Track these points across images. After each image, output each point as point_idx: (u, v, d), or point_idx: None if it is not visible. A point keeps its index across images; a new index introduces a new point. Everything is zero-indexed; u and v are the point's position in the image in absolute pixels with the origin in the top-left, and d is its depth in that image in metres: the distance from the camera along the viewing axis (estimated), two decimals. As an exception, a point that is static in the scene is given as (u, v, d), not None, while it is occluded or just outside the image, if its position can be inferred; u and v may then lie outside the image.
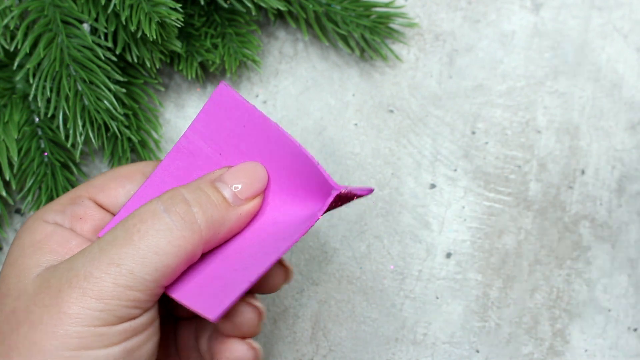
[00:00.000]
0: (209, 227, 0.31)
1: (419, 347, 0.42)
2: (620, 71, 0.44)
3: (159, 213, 0.30)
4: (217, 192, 0.32)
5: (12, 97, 0.41)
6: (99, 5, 0.39)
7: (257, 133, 0.34)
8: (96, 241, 0.31)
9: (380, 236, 0.43)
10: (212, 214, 0.31)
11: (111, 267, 0.29)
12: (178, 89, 0.45)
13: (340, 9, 0.43)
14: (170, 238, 0.30)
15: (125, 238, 0.30)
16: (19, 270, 0.31)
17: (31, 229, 0.33)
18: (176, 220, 0.30)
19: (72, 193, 0.34)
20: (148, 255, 0.30)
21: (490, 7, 0.45)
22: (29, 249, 0.32)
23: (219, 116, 0.34)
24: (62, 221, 0.33)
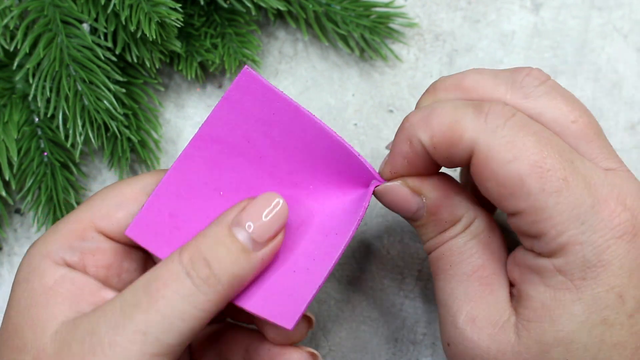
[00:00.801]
0: (231, 284, 0.30)
1: (419, 347, 0.42)
2: (620, 71, 0.44)
3: (182, 277, 0.30)
4: (235, 241, 0.31)
5: (11, 97, 0.41)
6: (99, 5, 0.39)
7: (288, 120, 0.33)
8: (115, 301, 0.30)
9: (380, 236, 0.43)
10: (234, 270, 0.30)
11: (137, 335, 0.29)
12: (178, 89, 0.45)
13: (340, 9, 0.43)
14: (196, 303, 0.29)
15: (150, 303, 0.29)
16: (34, 323, 0.30)
17: (39, 271, 0.31)
18: (200, 285, 0.30)
19: (76, 223, 0.33)
20: (174, 322, 0.29)
21: (490, 7, 0.45)
22: (41, 297, 0.31)
23: (244, 103, 0.33)
24: (71, 258, 0.32)
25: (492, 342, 0.30)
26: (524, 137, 0.29)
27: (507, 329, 0.30)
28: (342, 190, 0.34)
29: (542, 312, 0.29)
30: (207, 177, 0.34)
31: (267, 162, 0.34)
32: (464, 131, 0.29)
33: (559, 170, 0.28)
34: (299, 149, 0.33)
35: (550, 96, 0.31)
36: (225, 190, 0.34)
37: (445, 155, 0.30)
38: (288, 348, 0.34)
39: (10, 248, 0.44)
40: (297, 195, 0.34)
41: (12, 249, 0.44)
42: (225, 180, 0.34)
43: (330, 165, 0.33)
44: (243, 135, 0.33)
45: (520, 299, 0.30)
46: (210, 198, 0.34)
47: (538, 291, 0.29)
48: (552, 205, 0.28)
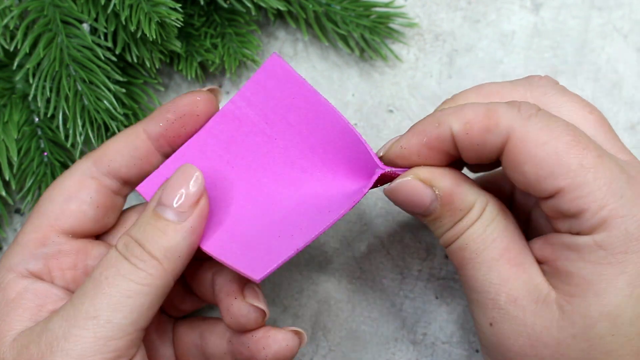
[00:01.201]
0: (167, 255, 0.31)
1: (419, 347, 0.42)
2: (620, 71, 0.44)
3: (120, 260, 0.31)
4: (160, 219, 0.32)
5: (11, 97, 0.41)
6: (99, 5, 0.40)
7: (305, 106, 0.34)
8: (68, 300, 0.31)
9: (380, 236, 0.43)
10: (163, 243, 0.31)
11: (88, 320, 0.29)
12: (178, 89, 0.45)
13: (340, 9, 0.43)
14: (137, 279, 0.30)
15: (95, 288, 0.30)
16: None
17: (2, 285, 0.32)
18: (137, 263, 0.31)
19: (34, 232, 0.34)
20: (121, 299, 0.30)
21: (490, 7, 0.45)
22: (3, 310, 0.31)
23: (268, 86, 0.35)
24: (35, 267, 0.33)
25: (536, 318, 0.30)
26: (555, 122, 0.30)
27: (550, 305, 0.30)
28: (348, 178, 0.35)
29: (585, 287, 0.29)
30: (222, 151, 0.36)
31: (281, 144, 0.35)
32: (500, 118, 0.30)
33: (592, 148, 0.29)
34: (312, 135, 0.35)
35: (565, 93, 0.33)
36: (238, 165, 0.36)
37: (477, 141, 0.31)
38: (271, 330, 0.35)
39: (10, 248, 0.44)
40: (304, 178, 0.35)
41: (12, 249, 0.44)
42: (239, 156, 0.36)
43: (341, 153, 0.35)
44: (263, 116, 0.35)
45: (559, 275, 0.30)
46: (223, 171, 0.35)
47: (578, 267, 0.29)
48: (592, 180, 0.29)
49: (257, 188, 0.36)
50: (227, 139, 0.36)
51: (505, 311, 0.30)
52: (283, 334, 0.34)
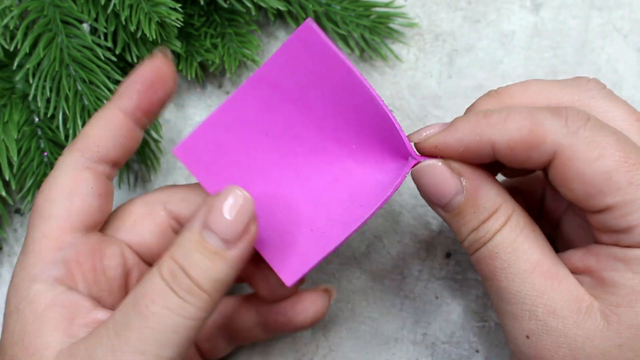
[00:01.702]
0: (216, 287, 0.30)
1: (419, 347, 0.42)
2: (620, 71, 0.44)
3: (167, 292, 0.30)
4: (208, 246, 0.30)
5: (11, 97, 0.41)
6: (99, 5, 0.40)
7: (340, 79, 0.33)
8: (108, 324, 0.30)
9: (380, 236, 0.43)
10: (213, 276, 0.30)
11: (136, 355, 0.29)
12: (178, 89, 0.45)
13: (340, 9, 0.43)
14: (185, 314, 0.30)
15: (141, 322, 0.29)
16: (30, 353, 0.30)
17: (29, 298, 0.31)
18: (185, 297, 0.30)
19: (46, 237, 0.33)
20: (168, 336, 0.29)
21: (490, 7, 0.45)
22: (33, 326, 0.31)
23: (301, 54, 0.33)
24: (59, 273, 0.32)
25: (578, 329, 0.29)
26: (605, 136, 0.29)
27: (593, 315, 0.29)
28: (380, 160, 0.34)
29: (633, 298, 0.29)
30: (257, 117, 0.35)
31: (316, 114, 0.34)
32: (546, 134, 0.30)
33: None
34: (347, 109, 0.33)
35: (612, 97, 0.32)
36: (272, 132, 0.35)
37: (522, 158, 0.30)
38: (303, 293, 0.35)
39: (10, 248, 0.44)
40: (337, 151, 0.35)
41: (12, 249, 0.44)
42: (273, 123, 0.35)
43: (374, 132, 0.33)
44: (297, 83, 0.34)
45: (603, 285, 0.30)
46: (257, 137, 0.35)
47: (626, 278, 0.29)
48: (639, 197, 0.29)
49: (292, 164, 0.35)
50: (261, 105, 0.34)
51: (543, 323, 0.30)
52: (316, 295, 0.36)
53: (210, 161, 0.35)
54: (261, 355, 0.42)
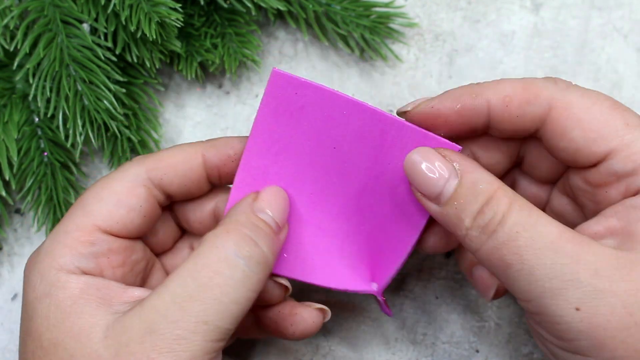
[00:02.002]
0: (274, 259, 0.32)
1: (419, 347, 0.42)
2: (620, 71, 0.44)
3: (234, 260, 0.30)
4: (266, 224, 0.32)
5: (12, 97, 0.41)
6: (99, 5, 0.40)
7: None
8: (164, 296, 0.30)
9: (380, 236, 0.43)
10: (273, 248, 0.32)
11: (199, 325, 0.29)
12: (178, 89, 0.45)
13: (340, 9, 0.43)
14: (249, 285, 0.30)
15: (205, 292, 0.29)
16: (74, 333, 0.30)
17: (60, 284, 0.31)
18: (253, 266, 0.30)
19: (79, 230, 0.33)
20: (230, 307, 0.30)
21: (490, 7, 0.45)
22: (72, 308, 0.31)
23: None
24: (87, 266, 0.32)
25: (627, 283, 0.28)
26: (591, 91, 0.31)
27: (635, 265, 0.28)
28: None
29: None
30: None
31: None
32: (540, 90, 0.31)
33: (630, 110, 0.31)
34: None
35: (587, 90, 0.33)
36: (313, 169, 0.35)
37: (517, 113, 0.31)
38: (298, 307, 0.35)
39: (10, 248, 0.44)
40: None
41: (12, 249, 0.44)
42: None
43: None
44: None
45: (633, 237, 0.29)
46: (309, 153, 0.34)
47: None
48: (638, 137, 0.30)
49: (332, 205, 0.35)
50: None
51: (591, 287, 0.28)
52: (309, 312, 0.35)
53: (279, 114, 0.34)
54: (261, 355, 0.42)
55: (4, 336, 0.43)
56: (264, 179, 0.34)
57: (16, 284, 0.43)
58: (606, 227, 0.30)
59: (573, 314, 0.28)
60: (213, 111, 0.45)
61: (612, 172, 0.30)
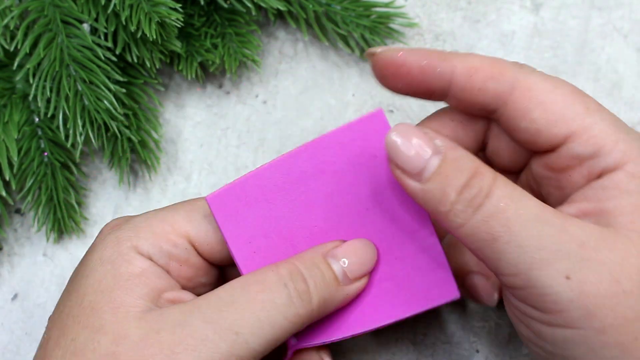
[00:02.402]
0: (320, 305, 0.31)
1: (419, 347, 0.42)
2: (620, 71, 0.44)
3: (279, 287, 0.30)
4: (330, 270, 0.32)
5: (12, 97, 0.41)
6: (99, 5, 0.40)
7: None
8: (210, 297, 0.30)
9: (380, 236, 0.43)
10: (325, 294, 0.32)
11: (230, 334, 0.29)
12: (178, 89, 0.45)
13: (340, 9, 0.43)
14: (287, 314, 0.30)
15: (247, 304, 0.30)
16: (115, 305, 0.30)
17: (127, 257, 0.31)
18: (295, 298, 0.30)
19: (169, 224, 0.33)
20: (266, 327, 0.29)
21: (490, 7, 0.45)
22: (126, 283, 0.31)
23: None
24: (158, 259, 0.32)
25: (612, 253, 0.28)
26: (554, 77, 0.31)
27: (619, 237, 0.29)
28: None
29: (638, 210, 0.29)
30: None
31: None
32: (505, 69, 0.31)
33: (591, 98, 0.31)
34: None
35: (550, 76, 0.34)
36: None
37: (479, 86, 0.31)
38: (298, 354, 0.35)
39: (10, 248, 0.44)
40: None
41: (12, 249, 0.44)
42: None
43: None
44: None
45: (609, 214, 0.30)
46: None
47: (627, 200, 0.30)
48: (599, 120, 0.30)
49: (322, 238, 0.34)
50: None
51: (579, 256, 0.28)
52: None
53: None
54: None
55: (4, 336, 0.43)
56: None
57: (16, 284, 0.43)
58: (579, 210, 0.30)
59: (563, 283, 0.28)
60: (213, 111, 0.45)
61: (574, 155, 0.30)
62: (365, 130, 0.32)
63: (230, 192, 0.32)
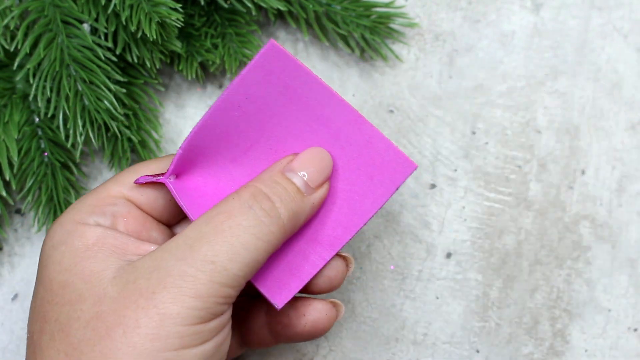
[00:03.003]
0: (290, 219, 0.32)
1: (419, 347, 0.42)
2: (620, 71, 0.44)
3: (245, 210, 0.31)
4: (291, 183, 0.33)
5: (12, 97, 0.41)
6: (99, 5, 0.39)
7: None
8: (178, 238, 0.31)
9: (380, 236, 0.43)
10: (292, 207, 0.32)
11: (206, 264, 0.29)
12: (178, 89, 0.45)
13: (340, 9, 0.43)
14: (259, 234, 0.31)
15: (216, 234, 0.30)
16: (85, 275, 0.30)
17: (77, 233, 0.32)
18: (263, 216, 0.31)
19: (105, 192, 0.34)
20: (240, 251, 0.30)
21: (490, 7, 0.45)
22: (86, 253, 0.31)
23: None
24: (103, 222, 0.33)
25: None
26: None
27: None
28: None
29: None
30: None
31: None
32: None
33: None
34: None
35: None
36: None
37: None
38: (311, 299, 0.36)
39: (10, 248, 0.44)
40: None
41: (13, 249, 0.44)
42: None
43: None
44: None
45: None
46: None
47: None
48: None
49: None
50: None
51: None
52: (323, 304, 0.36)
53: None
54: (261, 356, 0.42)
55: (4, 336, 0.43)
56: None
57: (16, 284, 0.43)
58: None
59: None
60: (213, 111, 0.45)
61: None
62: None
63: (289, 61, 0.33)
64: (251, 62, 0.33)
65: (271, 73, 0.33)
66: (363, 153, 0.34)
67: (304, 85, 0.33)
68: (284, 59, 0.33)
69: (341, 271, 0.35)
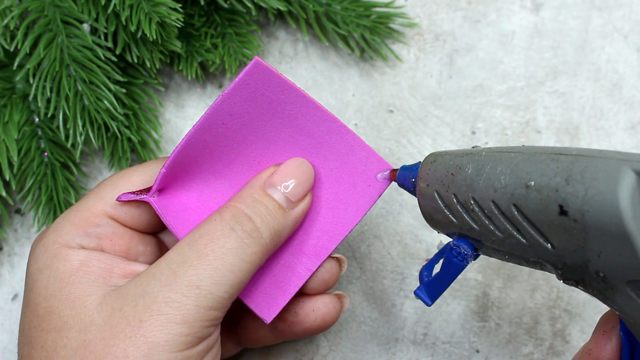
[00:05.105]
0: (273, 238, 0.32)
1: (419, 347, 0.42)
2: (620, 71, 0.44)
3: (227, 232, 0.31)
4: (272, 200, 0.33)
5: (12, 97, 0.41)
6: (99, 5, 0.39)
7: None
8: (161, 263, 0.31)
9: (380, 236, 0.43)
10: (274, 225, 0.32)
11: (191, 289, 0.29)
12: (178, 89, 0.45)
13: (340, 9, 0.43)
14: (243, 256, 0.31)
15: (200, 258, 0.30)
16: (70, 301, 0.30)
17: (61, 256, 0.32)
18: (245, 238, 0.31)
19: (87, 211, 0.33)
20: (225, 274, 0.30)
21: (490, 7, 0.45)
22: (71, 278, 0.31)
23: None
24: (88, 244, 0.33)
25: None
26: None
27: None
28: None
29: None
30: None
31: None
32: None
33: None
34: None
35: None
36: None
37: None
38: (319, 295, 0.36)
39: (10, 248, 0.44)
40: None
41: (12, 249, 0.44)
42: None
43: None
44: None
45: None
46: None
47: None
48: None
49: None
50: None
51: None
52: (330, 297, 0.36)
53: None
54: (261, 356, 0.42)
55: (4, 336, 0.43)
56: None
57: (16, 284, 0.43)
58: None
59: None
60: (213, 111, 0.45)
61: None
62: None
63: (273, 77, 0.33)
64: (235, 81, 0.33)
65: (255, 90, 0.33)
66: (346, 161, 0.35)
67: (286, 98, 0.33)
68: (267, 75, 0.33)
69: (335, 272, 0.36)
